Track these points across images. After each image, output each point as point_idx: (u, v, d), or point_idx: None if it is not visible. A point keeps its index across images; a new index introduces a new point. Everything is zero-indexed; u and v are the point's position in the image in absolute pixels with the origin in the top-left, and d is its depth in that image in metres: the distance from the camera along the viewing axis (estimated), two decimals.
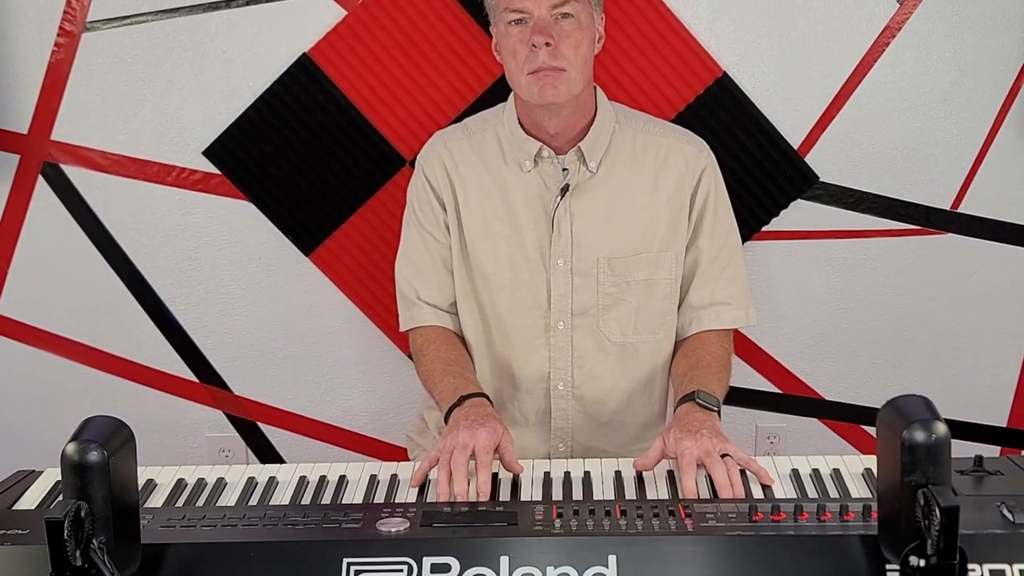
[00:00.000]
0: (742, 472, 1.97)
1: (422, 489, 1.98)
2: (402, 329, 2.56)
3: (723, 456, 1.97)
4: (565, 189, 2.40)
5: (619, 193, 2.42)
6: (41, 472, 2.06)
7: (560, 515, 1.73)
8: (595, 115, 2.43)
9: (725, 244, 2.48)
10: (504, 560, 1.62)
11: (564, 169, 2.41)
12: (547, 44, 2.24)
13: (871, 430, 3.06)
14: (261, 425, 3.29)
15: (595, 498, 1.91)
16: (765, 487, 1.94)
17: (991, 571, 1.58)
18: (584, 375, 2.48)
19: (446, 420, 2.20)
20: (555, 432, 2.52)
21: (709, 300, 2.46)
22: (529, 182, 2.43)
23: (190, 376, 3.24)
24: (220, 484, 2.01)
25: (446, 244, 2.49)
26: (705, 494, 1.91)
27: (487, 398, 2.23)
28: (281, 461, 3.29)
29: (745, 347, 3.17)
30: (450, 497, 1.91)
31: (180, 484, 2.02)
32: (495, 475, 2.01)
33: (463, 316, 2.51)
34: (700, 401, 2.17)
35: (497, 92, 2.85)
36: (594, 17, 2.35)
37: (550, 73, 2.26)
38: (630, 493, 1.93)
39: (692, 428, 2.04)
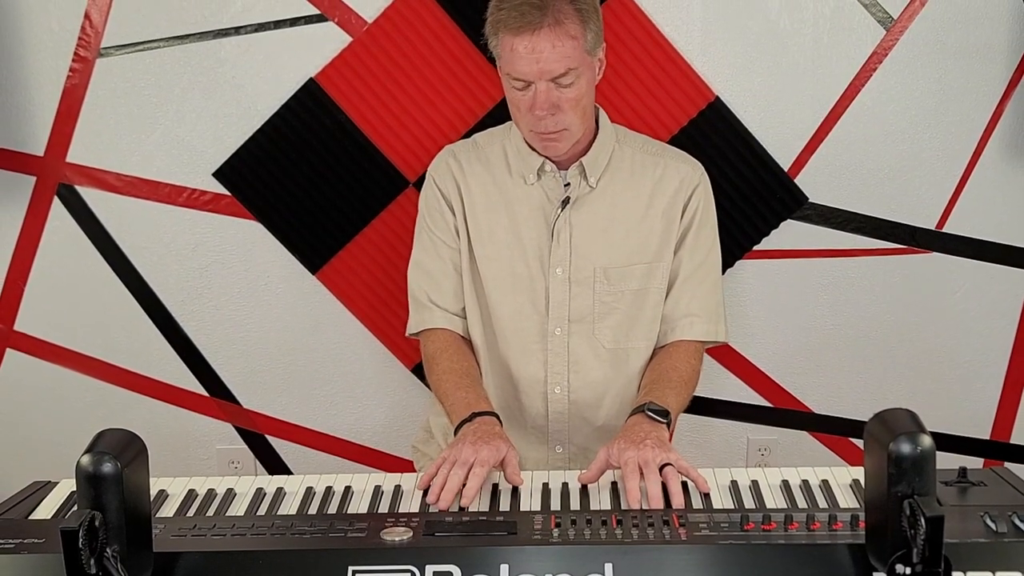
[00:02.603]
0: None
1: (425, 498, 1.99)
2: (410, 331, 2.58)
3: (665, 465, 1.97)
4: (566, 202, 2.43)
5: (616, 207, 2.46)
6: (56, 483, 2.07)
7: (558, 524, 1.74)
8: (596, 134, 2.47)
9: (705, 260, 2.51)
10: (504, 568, 1.62)
11: (566, 184, 2.45)
12: (551, 114, 2.29)
13: (859, 442, 3.07)
14: (269, 438, 3.29)
15: (592, 508, 1.92)
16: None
17: None
18: (579, 380, 2.50)
19: (456, 432, 2.21)
20: (552, 434, 2.53)
21: (684, 311, 2.48)
22: (532, 194, 2.47)
23: (200, 390, 3.24)
24: (230, 495, 2.01)
25: (456, 249, 2.52)
26: (656, 503, 1.91)
27: (497, 417, 2.24)
28: (288, 472, 3.29)
29: (736, 362, 3.17)
30: (436, 503, 1.92)
31: (191, 495, 2.02)
32: (495, 486, 2.02)
33: (469, 318, 2.53)
34: (649, 413, 2.18)
35: (497, 116, 2.85)
36: (594, 62, 2.36)
37: (553, 139, 2.34)
38: (626, 503, 1.93)
39: (636, 439, 2.05)
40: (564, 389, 2.50)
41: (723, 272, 2.98)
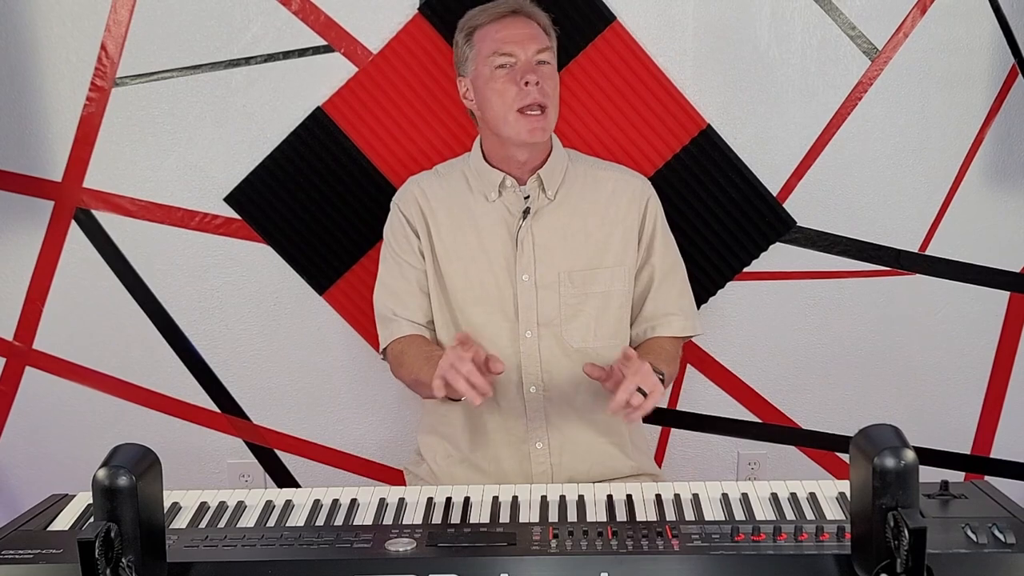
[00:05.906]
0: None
1: (428, 510, 1.99)
2: (382, 346, 2.62)
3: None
4: (527, 212, 2.52)
5: (575, 215, 2.55)
6: (74, 496, 2.07)
7: (556, 536, 1.74)
8: (551, 151, 2.57)
9: (674, 263, 2.63)
10: None
11: (526, 197, 2.53)
12: (536, 83, 2.40)
13: (845, 457, 3.06)
14: (278, 452, 3.28)
15: (588, 520, 1.92)
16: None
17: None
18: (552, 379, 2.55)
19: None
20: (530, 432, 2.56)
21: (663, 311, 2.59)
22: (494, 209, 2.55)
23: (212, 406, 3.24)
24: (240, 507, 2.02)
25: (421, 269, 2.59)
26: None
27: None
28: (297, 485, 3.29)
29: (727, 379, 3.18)
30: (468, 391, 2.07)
31: (203, 507, 2.02)
32: (495, 498, 2.02)
33: (440, 332, 2.60)
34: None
35: None
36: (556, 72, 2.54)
37: (538, 117, 2.41)
38: (621, 515, 1.94)
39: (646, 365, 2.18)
40: (539, 388, 2.54)
41: (715, 293, 3.02)
